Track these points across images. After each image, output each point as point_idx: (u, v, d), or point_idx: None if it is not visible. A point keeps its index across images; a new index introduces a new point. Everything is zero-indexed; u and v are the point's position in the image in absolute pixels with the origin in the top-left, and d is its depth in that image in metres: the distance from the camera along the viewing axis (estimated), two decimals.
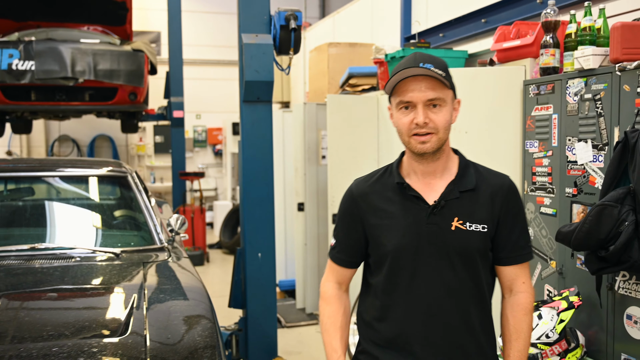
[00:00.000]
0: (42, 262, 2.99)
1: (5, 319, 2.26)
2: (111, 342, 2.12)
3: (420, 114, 1.70)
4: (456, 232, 1.75)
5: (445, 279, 1.76)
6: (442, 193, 1.77)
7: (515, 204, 1.82)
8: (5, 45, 6.48)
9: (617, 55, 2.60)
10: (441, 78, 1.69)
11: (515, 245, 1.81)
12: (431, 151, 1.74)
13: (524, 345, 1.82)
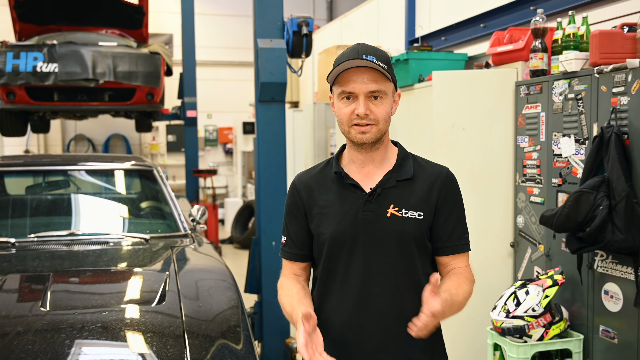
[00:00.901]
0: (80, 246, 3.34)
1: (58, 291, 2.60)
2: (152, 308, 2.46)
3: (362, 106, 1.70)
4: (391, 219, 1.75)
5: (380, 267, 1.75)
6: (379, 181, 1.78)
7: (452, 193, 1.82)
8: (30, 49, 6.83)
9: (596, 59, 2.92)
10: (383, 71, 1.69)
11: (452, 234, 1.80)
12: (370, 142, 1.74)
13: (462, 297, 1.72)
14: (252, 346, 2.32)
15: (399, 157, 1.83)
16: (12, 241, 3.27)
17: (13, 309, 2.43)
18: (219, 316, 2.51)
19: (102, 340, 2.23)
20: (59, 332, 2.25)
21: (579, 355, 3.03)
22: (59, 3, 7.77)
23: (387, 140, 1.83)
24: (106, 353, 2.17)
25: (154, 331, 2.30)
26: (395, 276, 1.75)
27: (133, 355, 2.14)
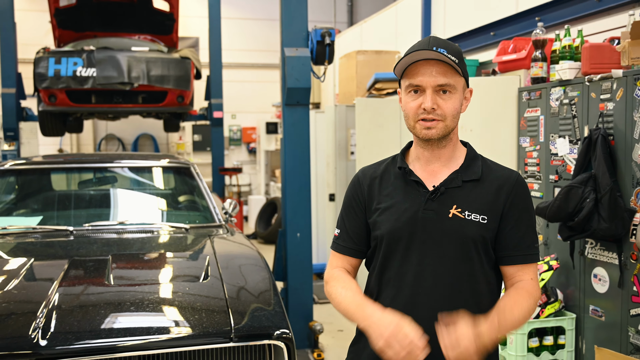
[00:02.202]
0: (129, 234, 3.78)
1: (118, 270, 3.04)
2: (198, 283, 2.89)
3: (429, 99, 1.63)
4: (453, 220, 1.66)
5: (435, 269, 1.68)
6: (443, 180, 1.71)
7: (522, 198, 1.71)
8: (70, 54, 7.32)
9: (587, 69, 3.29)
10: (454, 64, 1.62)
11: (520, 243, 1.69)
12: (436, 137, 1.67)
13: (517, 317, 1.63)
14: (281, 306, 2.75)
15: (467, 157, 1.75)
16: (70, 229, 3.72)
17: (83, 285, 2.87)
18: (253, 287, 2.95)
19: (160, 308, 2.67)
20: (124, 302, 2.70)
21: (571, 332, 3.41)
22: (95, 11, 8.26)
23: (456, 139, 1.76)
24: (164, 318, 2.59)
25: (202, 301, 2.74)
26: (451, 281, 1.67)
27: (188, 319, 2.57)
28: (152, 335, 2.45)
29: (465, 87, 1.71)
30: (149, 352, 2.41)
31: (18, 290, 2.75)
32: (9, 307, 2.62)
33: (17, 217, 4.07)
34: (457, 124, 1.72)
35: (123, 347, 2.38)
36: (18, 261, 3.19)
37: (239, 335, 2.50)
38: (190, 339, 2.46)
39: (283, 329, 2.57)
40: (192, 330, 2.50)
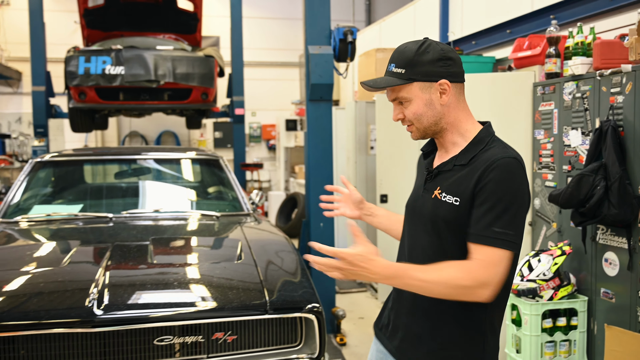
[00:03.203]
0: (164, 221, 4.03)
1: (159, 252, 3.28)
2: (233, 263, 3.13)
3: (393, 114, 1.87)
4: (433, 201, 1.82)
5: (420, 241, 1.87)
6: (438, 164, 1.88)
7: (494, 182, 1.71)
8: (100, 53, 7.60)
9: (598, 64, 3.47)
10: (388, 83, 1.80)
11: (477, 222, 1.70)
12: (417, 139, 1.88)
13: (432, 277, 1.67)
14: (310, 283, 3.00)
15: (471, 142, 1.83)
16: (110, 216, 3.98)
17: (129, 264, 3.12)
18: (283, 266, 3.20)
19: (200, 284, 2.91)
20: (167, 279, 2.95)
21: (583, 314, 3.59)
22: (123, 11, 8.55)
23: (453, 127, 1.85)
24: (205, 293, 2.82)
25: (238, 278, 2.98)
26: (428, 253, 1.82)
27: (226, 294, 2.80)
28: (194, 307, 2.69)
29: (427, 85, 1.79)
30: (192, 322, 2.65)
31: (70, 268, 3.01)
32: (64, 283, 2.87)
33: (59, 205, 4.34)
34: (447, 116, 1.82)
35: (168, 317, 2.62)
36: (66, 244, 3.45)
37: (273, 308, 2.73)
38: (229, 311, 2.70)
39: (313, 303, 2.80)
40: (231, 303, 2.73)
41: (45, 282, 2.88)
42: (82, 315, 2.53)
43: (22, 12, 11.83)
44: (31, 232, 3.77)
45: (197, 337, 2.68)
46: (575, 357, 3.60)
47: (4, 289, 2.79)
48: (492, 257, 1.67)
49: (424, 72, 1.79)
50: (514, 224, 1.70)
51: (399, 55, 1.82)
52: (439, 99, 1.81)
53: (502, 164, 1.71)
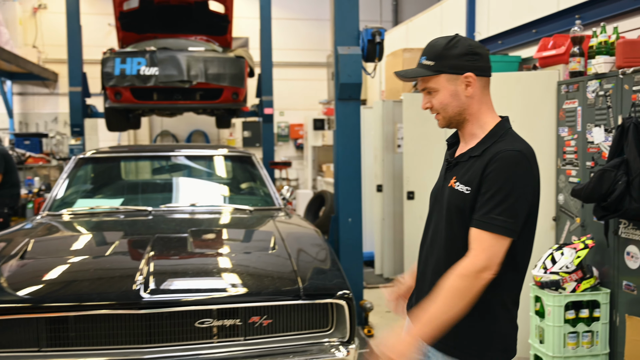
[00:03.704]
0: (200, 214, 4.23)
1: (197, 242, 3.48)
2: (267, 253, 3.30)
3: (422, 102, 2.03)
4: (449, 190, 1.98)
5: (438, 228, 2.02)
6: (457, 155, 2.03)
7: (497, 172, 1.84)
8: (135, 55, 7.86)
9: (620, 63, 3.57)
10: (418, 73, 1.96)
11: (479, 209, 1.85)
12: (443, 127, 2.04)
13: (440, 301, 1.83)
14: (340, 272, 3.17)
15: (487, 135, 1.95)
16: (149, 209, 4.19)
17: (170, 253, 3.31)
18: (315, 256, 3.38)
19: (238, 272, 3.09)
20: (206, 267, 3.15)
21: (606, 306, 3.69)
22: (157, 14, 8.81)
23: (474, 119, 1.98)
24: (242, 280, 3.00)
25: (273, 267, 3.16)
26: (444, 240, 1.99)
27: (262, 280, 2.98)
28: (233, 292, 2.87)
29: (453, 77, 1.94)
30: (230, 306, 2.83)
31: (117, 256, 3.23)
32: (112, 270, 3.09)
33: (101, 199, 4.57)
34: (473, 106, 1.96)
35: (209, 301, 2.81)
36: (110, 234, 3.67)
37: (306, 294, 2.90)
38: (265, 296, 2.87)
39: (344, 290, 2.96)
40: (266, 289, 2.91)
41: (94, 269, 3.09)
42: (130, 297, 2.73)
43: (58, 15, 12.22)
44: (77, 224, 4.00)
45: (235, 321, 2.86)
46: (597, 348, 3.70)
47: (56, 274, 3.01)
48: (489, 241, 1.82)
49: (451, 65, 1.93)
50: (512, 211, 1.83)
51: (430, 48, 1.98)
52: (464, 91, 1.95)
53: (505, 156, 1.84)
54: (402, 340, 1.85)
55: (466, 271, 1.82)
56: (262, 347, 2.88)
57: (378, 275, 7.29)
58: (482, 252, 1.82)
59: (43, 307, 2.72)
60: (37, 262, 3.17)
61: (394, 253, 7.12)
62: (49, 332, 2.74)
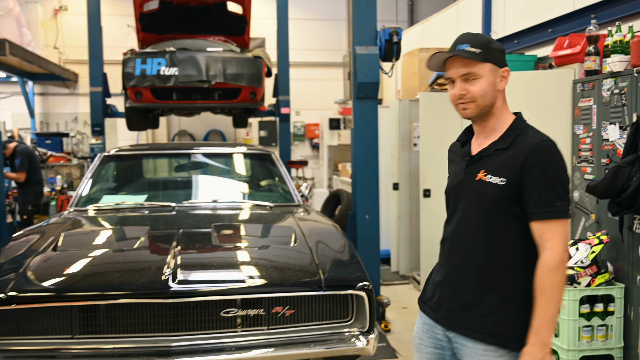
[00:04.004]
0: (221, 210, 4.34)
1: (221, 236, 3.59)
2: (289, 247, 3.41)
3: (457, 88, 2.05)
4: (478, 183, 2.05)
5: (466, 221, 2.10)
6: (480, 149, 2.09)
7: (539, 162, 1.94)
8: (155, 55, 8.00)
9: (635, 61, 3.63)
10: (471, 55, 1.99)
11: (537, 201, 1.94)
12: (472, 116, 2.07)
13: (546, 301, 1.91)
14: (360, 265, 3.26)
15: (509, 128, 2.05)
16: (172, 205, 4.31)
17: (196, 247, 3.43)
18: (335, 250, 3.48)
19: (261, 264, 3.20)
20: (231, 259, 3.27)
21: (620, 300, 3.75)
22: (176, 15, 8.95)
23: (499, 113, 2.08)
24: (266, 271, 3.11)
25: (295, 260, 3.27)
26: (477, 234, 2.05)
27: (285, 272, 3.09)
28: (257, 283, 2.98)
29: (495, 68, 2.04)
30: (255, 296, 2.94)
31: (144, 249, 3.36)
32: (140, 262, 3.22)
33: (125, 195, 4.70)
34: (499, 101, 2.06)
35: (234, 291, 2.93)
36: (137, 229, 3.80)
37: (327, 285, 3.00)
38: (288, 287, 2.98)
39: (364, 281, 3.06)
40: (289, 280, 3.02)
41: (123, 261, 3.22)
42: (159, 287, 2.85)
43: (78, 16, 12.43)
44: (104, 219, 4.13)
45: (259, 311, 2.97)
46: (612, 341, 3.76)
47: (88, 265, 3.14)
48: (560, 227, 1.95)
49: (495, 57, 2.05)
50: (567, 194, 1.98)
51: (473, 37, 2.05)
52: (499, 84, 2.05)
53: (544, 146, 1.97)
54: (535, 357, 1.92)
55: (556, 263, 1.92)
56: (284, 336, 2.99)
57: (394, 272, 7.37)
58: (561, 240, 1.94)
59: (76, 296, 2.85)
60: (69, 254, 3.30)
61: (410, 251, 7.20)
62: (81, 320, 2.87)
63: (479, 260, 2.05)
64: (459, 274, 2.11)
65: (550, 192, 1.93)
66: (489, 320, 2.03)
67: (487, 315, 2.03)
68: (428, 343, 2.23)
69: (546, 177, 1.94)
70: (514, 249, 2.03)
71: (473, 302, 2.06)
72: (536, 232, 1.97)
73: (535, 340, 1.93)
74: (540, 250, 1.96)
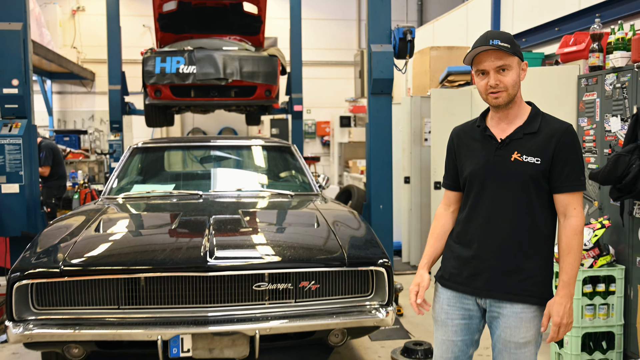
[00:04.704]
0: (245, 198, 4.62)
1: (249, 220, 3.87)
2: (313, 229, 3.68)
3: (492, 78, 2.27)
4: (514, 162, 2.30)
5: (501, 198, 2.33)
6: (509, 134, 2.34)
7: (569, 144, 2.26)
8: (174, 54, 8.28)
9: (636, 57, 3.88)
10: (505, 49, 2.23)
11: (567, 177, 2.25)
12: (502, 104, 2.31)
13: (574, 259, 2.25)
14: (379, 244, 3.52)
15: (530, 115, 2.35)
16: (200, 193, 4.59)
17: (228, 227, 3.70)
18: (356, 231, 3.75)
19: (289, 244, 3.49)
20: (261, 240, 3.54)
21: (621, 281, 4.01)
22: (193, 15, 9.25)
23: (520, 101, 2.36)
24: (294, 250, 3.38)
25: (319, 240, 3.55)
26: (514, 208, 2.31)
27: (311, 251, 3.37)
28: (286, 259, 3.25)
29: (519, 62, 2.32)
30: (283, 271, 3.22)
31: (181, 229, 3.63)
32: (179, 240, 3.50)
33: (154, 185, 4.99)
34: (519, 91, 2.34)
35: (265, 266, 3.20)
36: (170, 213, 4.08)
37: (350, 262, 3.27)
38: (314, 263, 3.26)
39: (384, 258, 3.33)
40: (315, 257, 3.30)
41: (162, 240, 3.51)
42: (198, 262, 3.13)
43: (96, 17, 12.77)
44: (137, 206, 4.42)
45: (287, 285, 3.24)
46: (613, 319, 4.02)
47: (129, 243, 3.44)
48: (582, 198, 2.32)
49: (519, 52, 2.33)
50: (584, 171, 2.36)
51: (500, 34, 2.32)
52: (520, 75, 2.34)
53: (571, 130, 2.32)
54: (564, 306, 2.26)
55: (581, 227, 2.28)
56: (310, 308, 3.26)
57: (405, 263, 7.64)
58: (582, 209, 2.30)
59: (121, 269, 3.13)
60: (111, 234, 3.59)
61: (421, 242, 7.46)
62: (126, 292, 3.15)
63: (519, 231, 2.32)
64: (496, 247, 2.36)
65: (577, 168, 2.28)
66: (530, 283, 2.34)
67: (527, 279, 2.34)
68: (455, 315, 2.47)
69: (574, 155, 2.28)
70: (545, 218, 2.35)
71: (514, 269, 2.33)
72: (563, 202, 2.29)
73: (564, 292, 2.27)
74: (566, 217, 2.29)
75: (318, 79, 13.92)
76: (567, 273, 2.27)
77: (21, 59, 5.12)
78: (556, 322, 2.26)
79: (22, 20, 5.15)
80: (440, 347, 2.53)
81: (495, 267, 2.37)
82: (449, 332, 2.49)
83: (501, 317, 2.38)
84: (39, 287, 3.11)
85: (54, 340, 3.07)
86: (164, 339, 3.05)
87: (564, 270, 2.28)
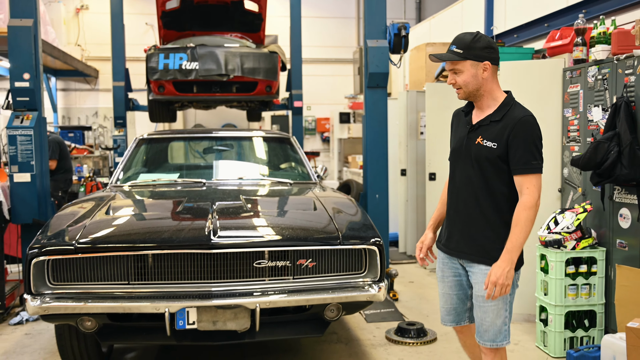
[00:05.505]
0: (247, 186, 4.85)
1: (251, 204, 4.10)
2: (311, 212, 3.91)
3: (449, 79, 2.73)
4: (477, 145, 2.69)
5: (468, 174, 2.74)
6: (479, 120, 2.73)
7: (521, 132, 2.57)
8: (177, 51, 8.50)
9: (615, 50, 4.11)
10: (451, 57, 2.64)
11: (518, 160, 2.58)
12: (462, 98, 2.74)
13: (520, 230, 2.57)
14: (372, 225, 3.74)
15: (500, 104, 2.68)
16: (203, 181, 4.83)
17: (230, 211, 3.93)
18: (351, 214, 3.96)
19: (289, 225, 3.72)
20: (262, 222, 3.77)
21: (602, 262, 4.23)
22: (196, 13, 9.47)
23: (487, 94, 2.70)
24: (292, 230, 3.61)
25: (316, 221, 3.78)
26: (476, 183, 2.71)
27: (308, 230, 3.60)
28: (285, 238, 3.48)
29: (475, 63, 2.64)
30: (282, 249, 3.44)
31: (186, 211, 3.87)
32: (185, 221, 3.73)
33: (160, 174, 5.23)
34: (488, 84, 2.68)
35: (265, 243, 3.43)
36: (176, 199, 4.31)
37: (344, 240, 3.50)
38: (312, 241, 3.49)
39: (376, 237, 3.56)
40: (312, 236, 3.53)
41: (169, 221, 3.75)
42: (202, 240, 3.36)
43: (99, 15, 13.02)
44: (144, 192, 4.65)
45: (286, 262, 3.47)
46: (594, 298, 4.25)
47: (139, 224, 3.67)
48: (535, 180, 2.61)
49: (475, 54, 2.65)
50: (540, 155, 2.63)
51: (459, 40, 2.67)
52: (482, 74, 2.67)
53: (525, 120, 2.63)
54: (503, 269, 2.56)
55: (530, 204, 2.58)
56: (307, 284, 3.49)
57: (402, 253, 7.87)
58: (535, 189, 2.60)
59: (131, 247, 3.36)
60: (120, 216, 3.82)
61: (417, 232, 7.69)
62: (136, 269, 3.38)
63: (481, 203, 2.72)
64: (463, 214, 2.79)
65: (528, 153, 2.59)
66: (490, 248, 2.71)
67: (488, 243, 2.72)
68: (449, 273, 2.92)
69: (525, 142, 2.59)
70: (503, 194, 2.71)
71: (478, 234, 2.74)
72: (518, 182, 2.64)
73: (505, 257, 2.60)
74: (521, 195, 2.63)
75: (318, 76, 14.15)
76: (512, 241, 2.59)
77: (32, 53, 5.36)
78: (492, 281, 2.57)
79: (33, 16, 5.39)
80: (441, 299, 3.00)
81: (462, 231, 2.79)
82: (445, 287, 2.95)
83: (472, 275, 2.78)
84: (55, 264, 3.34)
85: (69, 312, 3.29)
86: (170, 312, 3.27)
87: (509, 239, 2.60)
